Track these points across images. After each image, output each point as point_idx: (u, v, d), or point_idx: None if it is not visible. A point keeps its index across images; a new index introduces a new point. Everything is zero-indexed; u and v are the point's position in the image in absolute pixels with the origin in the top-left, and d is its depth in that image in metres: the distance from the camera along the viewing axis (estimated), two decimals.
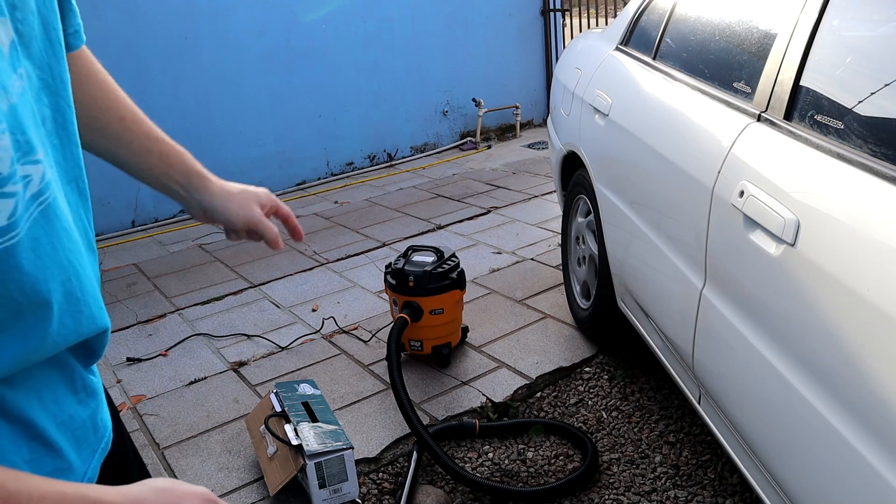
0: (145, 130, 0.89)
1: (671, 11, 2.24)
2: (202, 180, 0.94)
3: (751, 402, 1.41)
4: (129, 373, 2.77)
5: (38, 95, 0.57)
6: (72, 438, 0.65)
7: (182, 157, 0.93)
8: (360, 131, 5.44)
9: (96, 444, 0.70)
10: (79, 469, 0.66)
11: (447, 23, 5.71)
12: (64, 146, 0.62)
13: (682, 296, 1.70)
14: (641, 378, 2.47)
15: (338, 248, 3.88)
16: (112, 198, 4.49)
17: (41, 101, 0.58)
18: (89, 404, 0.69)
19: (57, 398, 0.64)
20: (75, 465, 0.65)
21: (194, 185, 0.94)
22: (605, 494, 1.97)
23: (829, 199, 1.21)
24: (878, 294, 1.02)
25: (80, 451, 0.66)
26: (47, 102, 0.59)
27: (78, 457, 0.66)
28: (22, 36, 0.55)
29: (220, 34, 4.64)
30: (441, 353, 2.53)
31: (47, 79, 0.59)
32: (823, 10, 1.42)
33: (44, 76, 0.58)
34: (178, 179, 0.92)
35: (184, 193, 0.94)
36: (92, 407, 0.69)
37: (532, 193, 4.51)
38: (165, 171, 0.91)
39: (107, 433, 0.73)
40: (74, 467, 0.65)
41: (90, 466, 0.68)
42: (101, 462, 0.71)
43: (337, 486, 1.93)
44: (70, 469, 0.65)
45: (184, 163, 0.93)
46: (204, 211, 0.96)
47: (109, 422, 0.75)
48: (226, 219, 0.96)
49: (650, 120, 2.00)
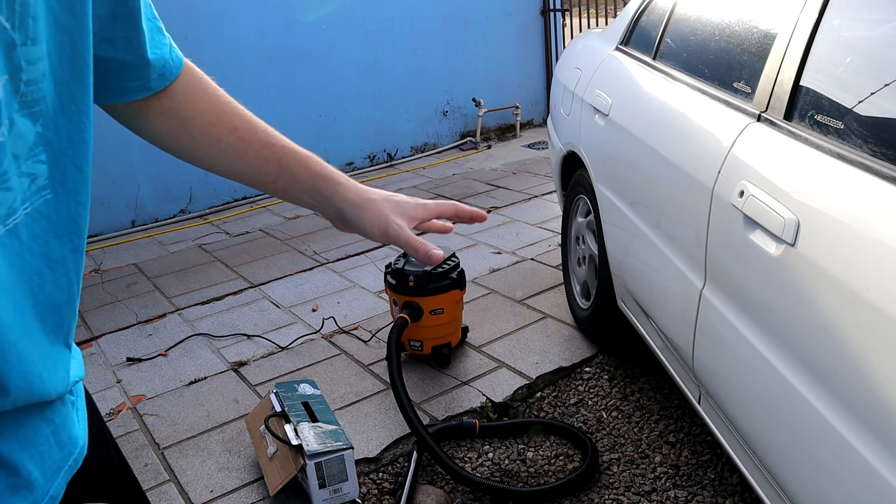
0: (261, 138, 0.82)
1: (671, 11, 2.24)
2: (332, 185, 0.83)
3: (751, 402, 1.41)
4: (128, 373, 2.77)
5: (31, 151, 0.57)
6: (35, 455, 0.62)
7: (306, 163, 0.83)
8: (360, 131, 5.45)
9: (62, 461, 0.66)
10: (40, 486, 0.63)
11: (447, 23, 5.71)
12: (59, 201, 0.61)
13: (682, 296, 1.70)
14: (641, 378, 2.47)
15: (338, 248, 3.88)
16: (112, 198, 4.50)
17: (36, 157, 0.58)
18: (52, 419, 0.65)
19: None
20: (37, 483, 0.62)
21: (323, 192, 0.83)
22: (605, 494, 1.97)
23: (829, 199, 1.21)
24: (878, 294, 1.02)
25: (43, 468, 0.63)
26: (45, 159, 0.59)
27: (41, 473, 0.63)
28: (23, 95, 0.55)
29: (221, 34, 4.64)
30: (441, 353, 2.53)
31: (50, 136, 0.59)
32: (823, 10, 1.42)
33: (46, 133, 0.58)
34: (304, 188, 0.83)
35: (313, 203, 0.84)
36: (56, 422, 0.65)
37: (532, 193, 4.51)
38: (290, 181, 0.83)
39: (76, 450, 0.69)
40: (35, 485, 0.62)
41: (54, 484, 0.65)
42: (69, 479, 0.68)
43: (337, 486, 1.93)
44: (29, 487, 0.62)
45: (308, 169, 0.83)
46: (340, 220, 0.86)
47: (82, 437, 0.71)
48: (360, 230, 0.84)
49: (650, 120, 2.00)
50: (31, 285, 0.60)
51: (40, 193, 0.59)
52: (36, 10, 0.55)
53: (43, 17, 0.56)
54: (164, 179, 4.67)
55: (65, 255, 0.63)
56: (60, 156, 0.61)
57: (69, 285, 0.64)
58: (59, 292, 0.63)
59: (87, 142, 0.63)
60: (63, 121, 0.60)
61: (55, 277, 0.62)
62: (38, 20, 0.55)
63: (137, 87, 0.76)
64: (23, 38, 0.53)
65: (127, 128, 0.81)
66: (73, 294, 0.65)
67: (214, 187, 4.87)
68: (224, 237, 4.29)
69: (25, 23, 0.54)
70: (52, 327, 0.63)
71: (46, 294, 0.62)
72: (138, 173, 4.58)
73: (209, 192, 4.87)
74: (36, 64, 0.56)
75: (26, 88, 0.55)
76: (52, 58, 0.57)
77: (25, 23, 0.54)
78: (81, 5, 0.60)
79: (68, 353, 0.67)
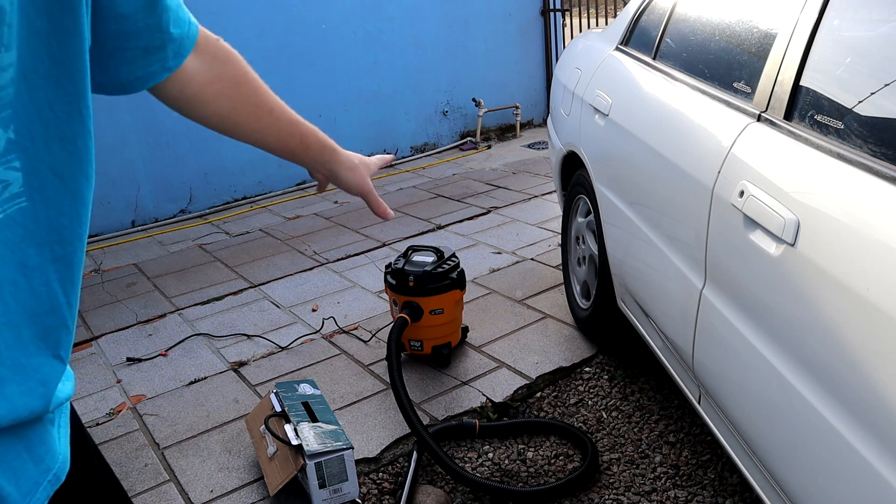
0: (288, 117, 1.00)
1: (671, 11, 2.24)
2: (333, 153, 1.07)
3: (751, 402, 1.41)
4: (128, 373, 2.77)
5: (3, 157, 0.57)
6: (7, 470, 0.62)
7: (317, 136, 1.04)
8: (360, 131, 5.44)
9: (39, 477, 0.65)
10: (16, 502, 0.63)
11: (447, 23, 5.71)
12: (37, 209, 0.61)
13: (682, 296, 1.70)
14: (641, 378, 2.47)
15: (338, 248, 3.88)
16: (112, 198, 4.50)
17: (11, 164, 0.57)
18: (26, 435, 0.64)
19: None
20: (11, 498, 0.62)
21: (327, 157, 1.06)
22: (605, 494, 1.97)
23: (829, 199, 1.21)
24: (878, 294, 1.02)
25: (17, 484, 0.63)
26: (18, 166, 0.58)
27: (15, 489, 0.62)
28: None
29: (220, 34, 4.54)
30: (441, 353, 2.53)
31: (24, 142, 0.58)
32: (823, 10, 1.42)
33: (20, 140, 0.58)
34: (314, 157, 1.05)
35: (314, 164, 1.06)
36: (30, 437, 0.64)
37: (532, 193, 4.51)
38: (305, 151, 1.03)
39: (55, 465, 0.68)
40: (10, 499, 0.62)
41: (33, 499, 0.64)
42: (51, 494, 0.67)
43: (337, 486, 1.93)
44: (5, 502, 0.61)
45: (319, 141, 1.04)
46: (330, 178, 1.09)
47: (63, 452, 0.70)
48: (346, 187, 1.10)
49: (650, 120, 2.00)
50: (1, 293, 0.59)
51: (14, 201, 0.58)
52: (11, 18, 0.54)
53: (16, 24, 0.55)
54: (164, 179, 4.67)
55: (44, 264, 0.62)
56: (37, 163, 0.60)
57: (51, 295, 0.63)
58: (36, 302, 0.62)
59: (70, 151, 0.62)
60: (39, 128, 0.59)
61: (31, 286, 0.61)
62: (12, 27, 0.55)
63: (159, 68, 0.79)
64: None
65: (177, 111, 0.90)
66: (59, 304, 0.63)
67: (214, 187, 4.88)
68: (224, 237, 4.29)
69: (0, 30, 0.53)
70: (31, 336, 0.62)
71: (20, 303, 0.60)
72: (138, 173, 4.58)
73: (209, 192, 4.87)
74: (7, 70, 0.55)
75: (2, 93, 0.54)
76: (24, 63, 0.57)
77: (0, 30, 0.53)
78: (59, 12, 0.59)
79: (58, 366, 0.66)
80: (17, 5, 0.55)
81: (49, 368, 0.64)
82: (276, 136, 0.99)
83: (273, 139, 0.99)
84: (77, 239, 0.65)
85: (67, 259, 0.64)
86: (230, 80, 0.91)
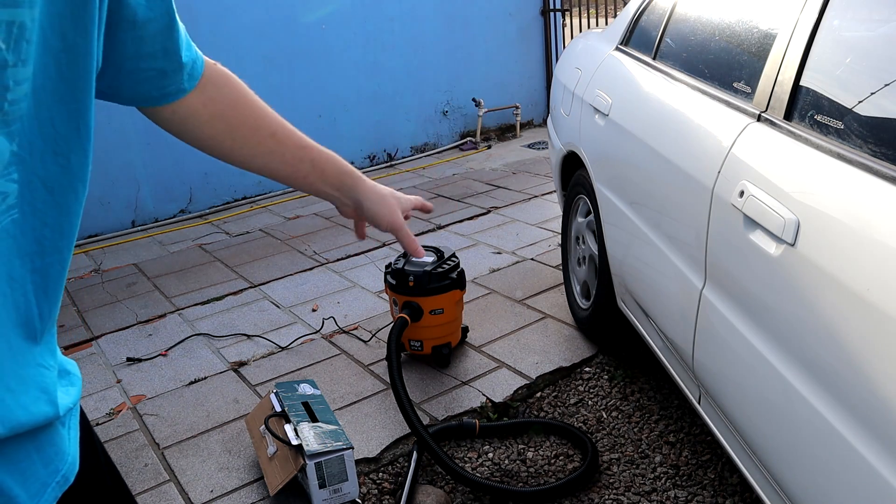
0: (296, 141, 0.94)
1: (671, 11, 2.24)
2: (353, 180, 1.00)
3: (751, 402, 1.41)
4: (129, 373, 2.77)
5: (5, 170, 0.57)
6: (16, 473, 0.62)
7: (333, 161, 0.97)
8: (360, 131, 5.45)
9: (48, 478, 0.66)
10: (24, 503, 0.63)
11: (447, 23, 5.71)
12: (25, 220, 0.61)
13: (682, 296, 1.70)
14: (641, 378, 2.47)
15: (338, 248, 3.88)
16: (112, 198, 4.50)
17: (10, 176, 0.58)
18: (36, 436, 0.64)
19: None
20: (19, 499, 0.62)
21: (347, 185, 0.99)
22: (605, 494, 1.97)
23: (829, 199, 1.21)
24: (878, 294, 1.02)
25: (25, 486, 0.63)
26: (16, 178, 0.59)
27: (23, 490, 0.62)
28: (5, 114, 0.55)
29: (220, 34, 4.64)
30: (441, 353, 2.53)
31: (24, 155, 0.59)
32: (823, 10, 1.42)
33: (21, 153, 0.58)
34: (331, 183, 0.98)
35: (337, 195, 1.00)
36: (40, 439, 0.65)
37: (532, 193, 4.51)
38: (320, 177, 0.97)
39: (64, 466, 0.68)
40: (18, 501, 0.62)
41: (41, 501, 0.64)
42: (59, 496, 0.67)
43: (337, 486, 1.93)
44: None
45: (335, 166, 0.98)
46: (355, 208, 1.02)
47: (72, 453, 0.70)
48: (373, 220, 1.02)
49: (650, 120, 2.00)
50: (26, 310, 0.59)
51: (8, 212, 0.58)
52: (31, 34, 0.55)
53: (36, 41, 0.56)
54: (164, 179, 4.67)
55: (24, 275, 0.62)
56: (32, 176, 0.60)
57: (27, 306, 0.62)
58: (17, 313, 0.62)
59: (63, 166, 0.63)
60: (39, 142, 0.60)
61: (14, 298, 0.61)
62: (31, 43, 0.55)
63: (174, 90, 0.81)
64: (15, 59, 0.54)
65: (171, 133, 0.89)
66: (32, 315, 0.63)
67: (214, 187, 4.88)
68: (224, 237, 4.29)
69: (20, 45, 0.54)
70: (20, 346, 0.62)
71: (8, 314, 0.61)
72: (138, 173, 4.58)
73: (209, 192, 4.87)
74: (22, 84, 0.56)
75: (10, 108, 0.55)
76: (36, 79, 0.57)
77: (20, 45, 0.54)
78: (73, 31, 0.60)
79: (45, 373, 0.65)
80: (37, 22, 0.56)
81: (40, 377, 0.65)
82: (280, 161, 0.93)
83: (278, 164, 0.94)
84: (56, 251, 0.64)
85: (45, 270, 0.64)
86: (226, 101, 0.88)
